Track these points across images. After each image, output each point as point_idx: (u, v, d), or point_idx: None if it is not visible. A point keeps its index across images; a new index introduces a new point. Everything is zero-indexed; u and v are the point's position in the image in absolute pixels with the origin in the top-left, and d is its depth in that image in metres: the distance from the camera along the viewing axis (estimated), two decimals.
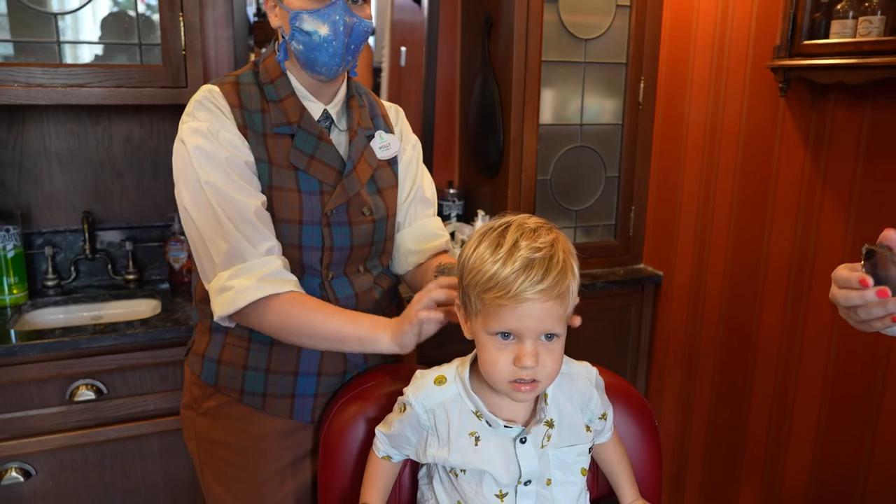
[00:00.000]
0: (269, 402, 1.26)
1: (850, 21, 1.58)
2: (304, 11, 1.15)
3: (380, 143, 1.33)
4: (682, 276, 2.27)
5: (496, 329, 0.91)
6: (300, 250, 1.21)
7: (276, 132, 1.21)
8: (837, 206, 1.73)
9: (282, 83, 1.24)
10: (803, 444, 1.87)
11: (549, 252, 0.89)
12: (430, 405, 1.01)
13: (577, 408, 1.05)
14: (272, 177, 1.19)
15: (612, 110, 2.31)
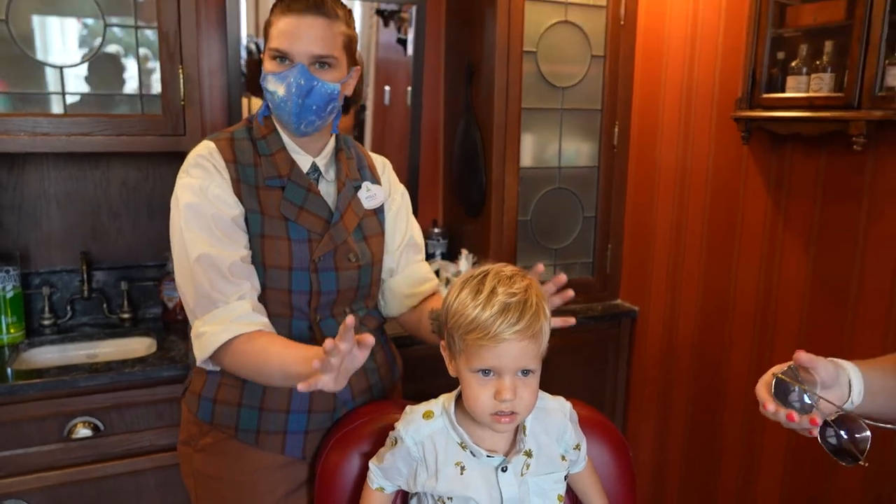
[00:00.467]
0: (263, 438, 1.32)
1: (803, 77, 1.72)
2: (270, 73, 1.26)
3: (366, 193, 1.42)
4: (656, 312, 2.38)
5: (478, 367, 1.01)
6: (290, 294, 1.30)
7: (268, 184, 1.30)
8: (798, 246, 1.85)
9: (273, 139, 1.33)
10: (772, 476, 1.96)
11: (524, 297, 1.00)
12: (420, 438, 1.10)
13: (553, 439, 1.14)
14: (264, 226, 1.28)
15: (588, 153, 2.44)
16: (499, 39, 2.19)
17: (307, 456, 1.35)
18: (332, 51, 1.26)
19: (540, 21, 2.26)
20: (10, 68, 1.82)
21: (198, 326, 1.23)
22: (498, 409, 1.01)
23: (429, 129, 2.59)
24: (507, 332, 0.97)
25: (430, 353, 2.15)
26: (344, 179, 1.38)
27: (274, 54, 1.25)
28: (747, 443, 2.04)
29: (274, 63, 1.25)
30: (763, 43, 1.80)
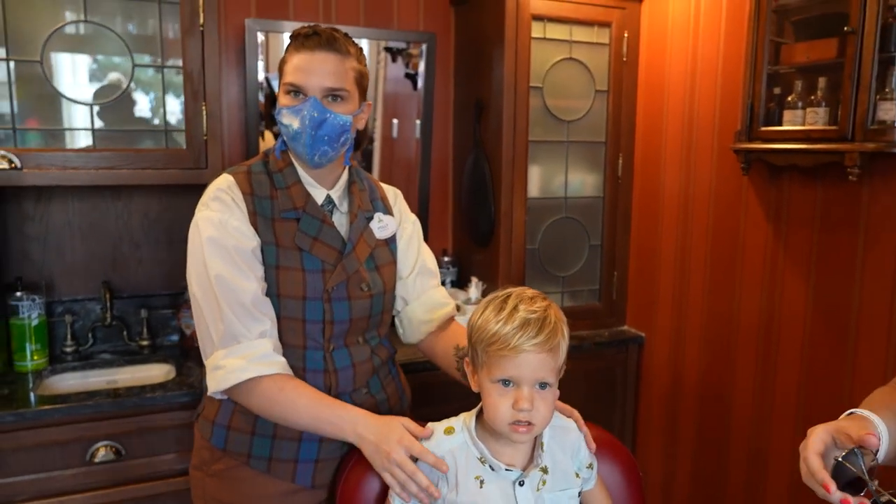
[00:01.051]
0: (274, 465, 1.35)
1: (799, 111, 1.81)
2: (284, 108, 1.31)
3: (378, 224, 1.46)
4: (661, 338, 2.43)
5: (498, 377, 1.08)
6: (303, 324, 1.33)
7: (284, 217, 1.34)
8: (798, 274, 1.91)
9: (289, 172, 1.37)
10: (779, 488, 2.00)
11: (543, 314, 1.08)
12: (441, 452, 1.16)
13: (568, 456, 1.20)
14: (279, 257, 1.32)
15: (594, 184, 2.51)
16: (506, 76, 2.28)
17: (317, 485, 1.37)
18: (343, 84, 1.31)
19: (546, 58, 2.36)
20: (43, 105, 1.91)
21: (217, 359, 1.26)
22: (516, 418, 1.07)
23: (438, 161, 2.68)
24: (526, 343, 1.05)
25: (438, 380, 2.21)
26: (356, 211, 1.42)
27: (288, 89, 1.30)
28: (752, 468, 2.08)
29: (288, 98, 1.31)
30: (760, 79, 1.88)
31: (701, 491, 2.29)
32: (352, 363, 1.39)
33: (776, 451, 2.00)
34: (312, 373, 1.35)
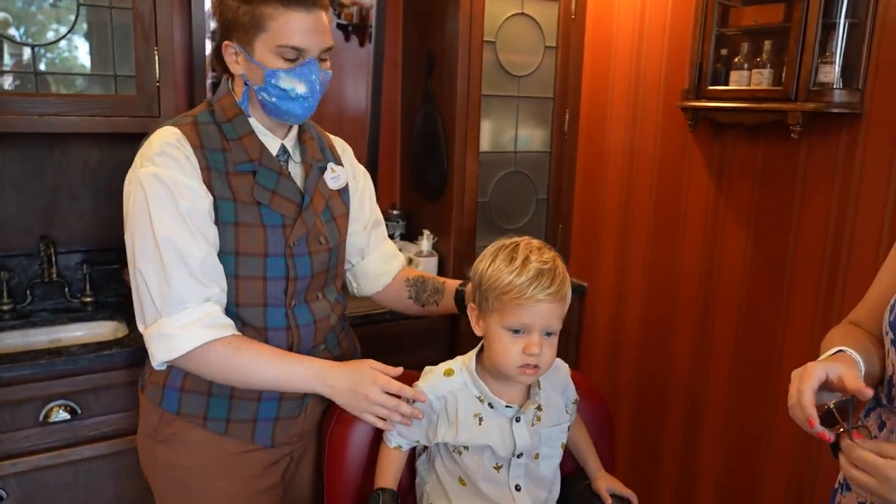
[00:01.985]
0: (232, 426, 1.33)
1: (745, 72, 1.92)
2: (281, 71, 1.22)
3: (331, 174, 1.42)
4: (605, 287, 2.56)
5: (511, 325, 1.14)
6: (265, 282, 1.29)
7: (239, 170, 1.27)
8: (738, 225, 2.06)
9: (240, 122, 1.30)
10: (714, 432, 2.18)
11: (553, 265, 1.15)
12: (441, 393, 1.22)
13: (559, 393, 1.29)
14: (237, 213, 1.26)
15: (542, 139, 2.58)
16: (461, 29, 2.29)
17: (276, 443, 1.36)
18: (331, 40, 1.27)
19: (498, 13, 2.38)
20: None
21: (162, 326, 1.20)
22: (525, 362, 1.15)
23: (385, 115, 2.66)
24: (540, 294, 1.11)
25: (389, 331, 2.24)
26: (311, 161, 1.39)
27: (286, 52, 1.21)
28: (690, 411, 2.25)
29: (281, 61, 1.22)
30: (708, 40, 1.98)
31: (640, 441, 2.46)
32: (313, 320, 1.37)
33: (713, 393, 2.18)
34: (274, 331, 1.32)
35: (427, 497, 1.29)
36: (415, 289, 1.59)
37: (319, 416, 1.43)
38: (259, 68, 1.23)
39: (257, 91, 1.25)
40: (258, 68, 1.23)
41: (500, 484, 1.23)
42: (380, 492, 1.24)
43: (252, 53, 1.23)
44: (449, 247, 2.47)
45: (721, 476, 2.17)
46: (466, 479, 1.24)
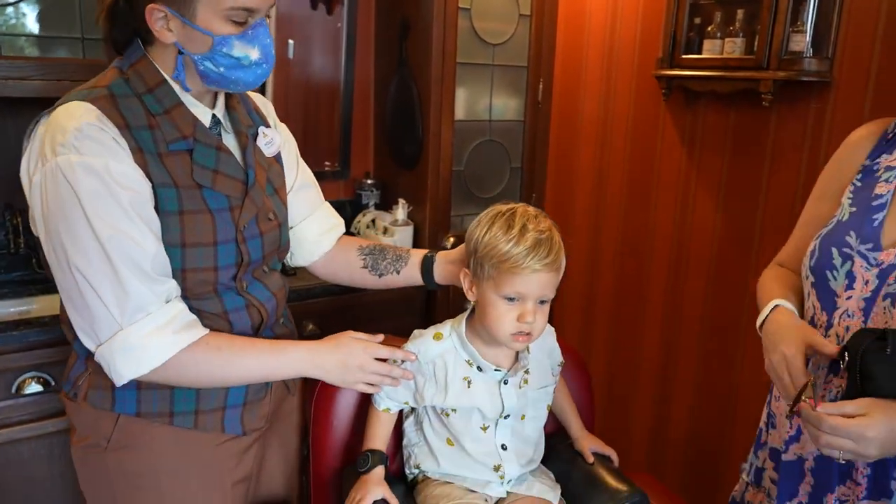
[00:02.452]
0: (202, 418, 1.20)
1: (718, 41, 1.95)
2: (234, 37, 1.06)
3: (264, 140, 1.26)
4: (578, 253, 2.60)
5: (506, 293, 1.15)
6: (216, 272, 1.15)
7: (172, 149, 1.09)
8: (709, 192, 2.10)
9: (164, 92, 1.10)
10: (685, 389, 2.25)
11: (550, 234, 1.15)
12: (430, 356, 1.24)
13: (546, 355, 1.31)
14: (181, 200, 1.10)
15: (516, 108, 2.59)
16: None
17: (246, 430, 1.26)
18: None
19: None
20: None
21: (127, 338, 1.04)
22: (519, 329, 1.16)
23: (359, 83, 2.63)
24: (537, 264, 1.12)
25: (362, 301, 2.22)
26: (244, 130, 1.22)
27: (236, 15, 1.05)
28: (662, 362, 2.32)
29: (231, 25, 1.05)
30: (682, 9, 2.00)
31: (614, 400, 2.52)
32: (272, 292, 1.26)
33: (684, 351, 2.24)
34: (235, 312, 1.19)
35: (415, 458, 1.31)
36: (371, 257, 1.44)
37: (283, 394, 1.35)
38: (204, 35, 1.05)
39: (198, 61, 1.07)
40: (203, 35, 1.05)
41: (486, 443, 1.25)
42: (368, 454, 1.25)
43: (192, 19, 1.04)
44: (424, 216, 2.47)
45: (691, 432, 2.25)
46: (454, 440, 1.26)
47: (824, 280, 1.09)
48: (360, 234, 2.55)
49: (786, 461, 1.14)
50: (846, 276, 1.06)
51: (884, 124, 1.16)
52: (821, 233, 1.14)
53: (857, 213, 1.09)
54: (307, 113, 2.70)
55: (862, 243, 1.06)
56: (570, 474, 1.36)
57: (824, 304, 1.09)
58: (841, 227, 1.10)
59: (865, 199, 1.10)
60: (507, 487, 1.27)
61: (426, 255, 1.42)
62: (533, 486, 1.27)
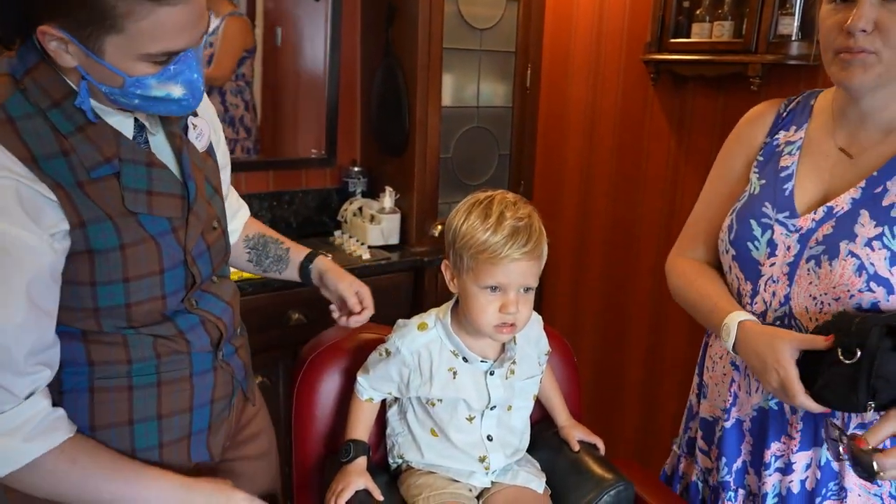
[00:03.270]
0: (167, 451, 1.09)
1: (706, 24, 1.93)
2: (151, 77, 0.90)
3: (195, 132, 1.10)
4: (565, 244, 2.58)
5: (486, 284, 1.12)
6: (163, 300, 1.03)
7: (94, 177, 0.93)
8: (697, 178, 2.08)
9: (73, 105, 0.92)
10: (673, 379, 2.24)
11: (529, 221, 1.12)
12: (415, 347, 1.21)
13: (532, 345, 1.29)
14: (120, 233, 0.95)
15: (504, 94, 2.56)
16: None
17: (214, 455, 1.15)
18: (208, 18, 0.97)
19: None
20: None
21: None
22: (502, 320, 1.13)
23: (344, 70, 2.60)
24: (515, 253, 1.09)
25: None
26: (176, 129, 1.05)
27: (156, 58, 0.89)
28: (650, 351, 2.31)
29: (148, 66, 0.89)
30: None
31: (602, 389, 2.52)
32: (226, 302, 1.15)
33: (671, 342, 2.23)
34: (192, 331, 1.08)
35: (398, 448, 1.29)
36: (255, 252, 1.36)
37: (241, 407, 1.26)
38: (114, 74, 0.89)
39: (108, 93, 0.91)
40: (113, 74, 0.89)
41: (472, 434, 1.24)
42: (351, 444, 1.23)
43: (100, 55, 0.86)
44: (411, 203, 2.45)
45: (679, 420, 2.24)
46: (438, 431, 1.24)
47: (746, 251, 1.14)
48: (348, 223, 2.53)
49: (728, 427, 1.19)
50: (767, 245, 1.11)
51: (775, 105, 1.23)
52: (734, 207, 1.18)
53: (768, 185, 1.15)
54: (294, 100, 2.67)
55: (779, 212, 1.11)
56: (555, 463, 1.35)
57: (748, 275, 1.15)
58: (755, 200, 1.15)
59: (772, 172, 1.16)
60: (492, 477, 1.26)
61: (303, 262, 1.35)
62: (518, 475, 1.26)
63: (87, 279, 0.96)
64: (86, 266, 0.95)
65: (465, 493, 1.22)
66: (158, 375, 1.05)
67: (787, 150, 1.16)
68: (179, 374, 1.08)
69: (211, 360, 1.12)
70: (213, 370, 1.12)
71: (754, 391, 1.16)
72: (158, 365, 1.05)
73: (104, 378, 1.02)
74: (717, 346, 1.25)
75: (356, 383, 1.27)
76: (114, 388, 1.03)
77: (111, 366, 1.02)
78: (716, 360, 1.26)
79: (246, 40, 2.42)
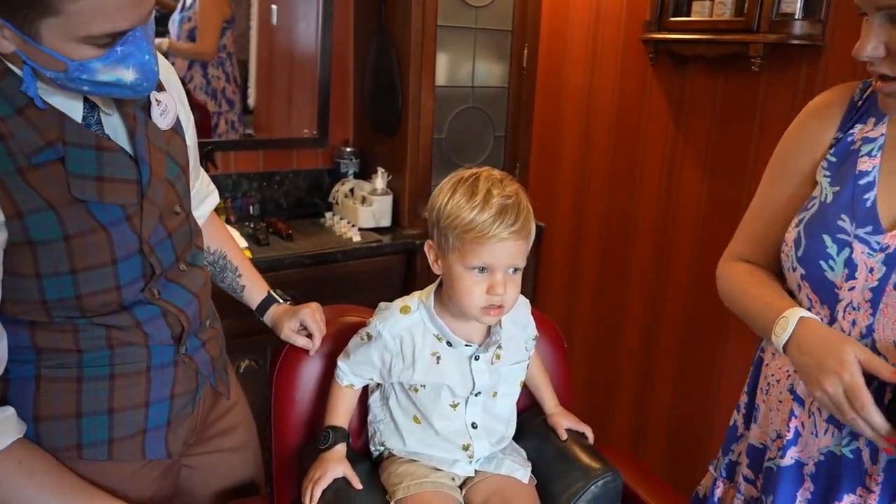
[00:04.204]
0: (117, 447, 1.03)
1: (707, 3, 1.87)
2: (96, 60, 0.84)
3: (158, 109, 1.02)
4: (562, 224, 2.54)
5: (473, 264, 1.07)
6: (118, 291, 0.97)
7: (36, 163, 0.87)
8: (695, 160, 2.04)
9: (12, 84, 0.86)
10: (667, 367, 2.21)
11: (517, 199, 1.07)
12: (397, 331, 1.16)
13: (519, 330, 1.24)
14: (64, 224, 0.90)
15: (500, 74, 2.50)
16: None
17: (172, 453, 1.10)
18: None
19: None
20: None
21: None
22: (490, 302, 1.09)
23: (335, 50, 2.54)
24: (504, 232, 1.04)
25: (342, 272, 2.17)
26: (131, 108, 0.98)
27: (98, 41, 0.83)
28: (646, 338, 2.27)
29: (90, 48, 0.83)
30: None
31: (596, 377, 2.48)
32: (192, 293, 1.09)
33: (667, 328, 2.19)
34: (150, 323, 1.02)
35: (379, 435, 1.26)
36: (212, 268, 1.31)
37: (211, 403, 1.22)
38: (55, 59, 0.83)
39: (53, 78, 0.86)
40: (53, 59, 0.83)
41: (456, 421, 1.20)
42: (330, 430, 1.19)
43: (37, 39, 0.81)
44: (404, 185, 2.40)
45: (674, 409, 2.21)
46: (421, 418, 1.20)
47: (818, 271, 0.98)
48: (339, 205, 2.48)
49: (784, 466, 1.03)
50: (845, 265, 0.95)
51: (847, 90, 1.04)
52: (801, 218, 1.02)
53: (843, 193, 0.98)
54: (287, 79, 2.62)
55: (859, 227, 0.94)
56: (542, 451, 1.31)
57: (823, 298, 0.98)
58: (827, 211, 0.98)
59: (849, 177, 0.98)
60: (476, 466, 1.22)
61: (261, 302, 1.35)
62: (502, 463, 1.22)
63: (30, 271, 0.91)
64: (27, 258, 0.90)
65: (448, 481, 1.19)
66: (112, 368, 1.00)
67: (865, 149, 0.98)
68: (135, 368, 1.03)
69: (172, 354, 1.07)
70: (173, 364, 1.07)
71: (822, 433, 0.99)
72: (111, 356, 1.00)
73: (51, 367, 0.97)
74: (774, 364, 1.09)
75: (336, 368, 1.23)
76: (62, 378, 0.98)
77: (59, 354, 0.97)
78: (771, 383, 1.09)
79: (224, 11, 2.37)
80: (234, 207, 2.37)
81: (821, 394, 0.90)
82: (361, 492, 1.14)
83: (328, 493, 1.12)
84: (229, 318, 1.63)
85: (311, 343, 1.29)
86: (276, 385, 1.32)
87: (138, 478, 1.08)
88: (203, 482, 1.29)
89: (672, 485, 1.39)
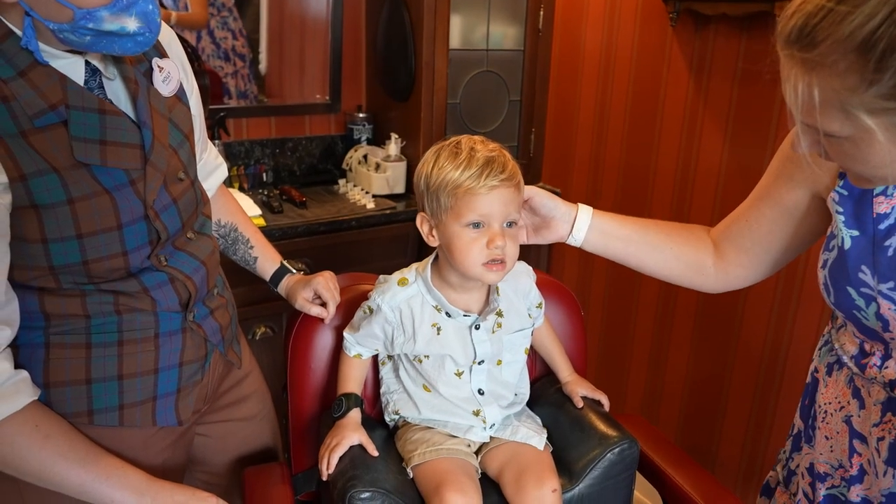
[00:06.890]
0: (128, 413, 1.04)
1: None
2: (102, 8, 0.84)
3: (161, 75, 1.03)
4: (578, 191, 2.50)
5: (469, 219, 1.07)
6: (125, 256, 0.98)
7: (39, 125, 0.87)
8: (716, 124, 1.99)
9: (14, 46, 0.86)
10: (684, 334, 2.19)
11: (501, 153, 1.09)
12: (396, 303, 1.17)
13: (521, 297, 1.24)
14: (67, 187, 0.90)
15: (515, 37, 2.44)
16: None
17: (182, 420, 1.11)
18: None
19: None
20: None
21: None
22: (491, 257, 1.08)
23: (348, 14, 2.49)
24: (494, 180, 1.05)
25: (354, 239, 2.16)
26: (131, 70, 0.99)
27: None
28: (662, 306, 2.25)
29: None
30: None
31: (611, 344, 2.47)
32: (200, 261, 1.10)
33: (684, 296, 2.17)
34: (158, 289, 1.03)
35: (394, 405, 1.26)
36: (223, 241, 1.33)
37: (226, 371, 1.23)
38: (63, 6, 0.83)
39: (56, 30, 0.85)
40: (61, 6, 0.83)
41: (462, 389, 1.20)
42: (343, 398, 1.20)
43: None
44: (418, 151, 2.37)
45: (690, 377, 2.20)
46: (430, 386, 1.20)
47: (856, 320, 0.91)
48: (352, 172, 2.46)
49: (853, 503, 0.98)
50: (877, 319, 0.87)
51: None
52: (825, 259, 0.93)
53: (862, 239, 0.87)
54: (299, 44, 2.58)
55: (881, 281, 0.85)
56: (557, 419, 1.31)
57: (871, 337, 0.92)
58: (848, 260, 0.89)
59: (866, 221, 0.87)
60: (491, 432, 1.22)
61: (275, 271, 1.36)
62: (518, 430, 1.22)
63: (37, 236, 0.91)
64: (33, 222, 0.90)
65: (463, 448, 1.19)
66: (120, 334, 1.01)
67: (880, 187, 0.85)
68: (143, 335, 1.04)
69: (180, 321, 1.07)
70: (181, 331, 1.08)
71: (882, 474, 0.93)
72: (119, 322, 1.01)
73: (60, 333, 0.98)
74: (828, 392, 1.01)
75: (344, 340, 1.24)
76: (71, 344, 0.99)
77: (68, 320, 0.98)
78: (829, 412, 1.01)
79: None
80: (248, 175, 2.36)
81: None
82: (378, 458, 1.15)
83: (345, 460, 1.13)
84: (244, 285, 1.64)
85: (325, 312, 1.29)
86: (292, 353, 1.32)
87: (150, 445, 1.09)
88: (219, 450, 1.31)
89: (687, 451, 1.38)
